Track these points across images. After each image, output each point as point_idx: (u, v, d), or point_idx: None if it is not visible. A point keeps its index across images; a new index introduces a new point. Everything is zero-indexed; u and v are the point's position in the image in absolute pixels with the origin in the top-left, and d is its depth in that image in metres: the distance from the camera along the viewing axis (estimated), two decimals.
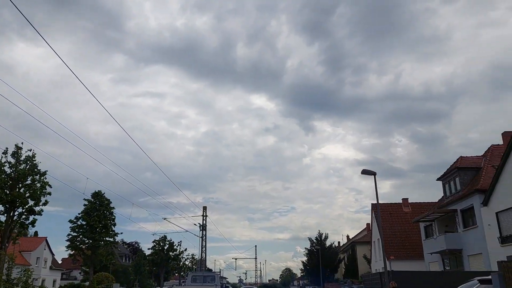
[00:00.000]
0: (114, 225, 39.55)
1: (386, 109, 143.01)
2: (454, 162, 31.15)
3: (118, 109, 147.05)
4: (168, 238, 64.22)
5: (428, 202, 43.16)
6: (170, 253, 63.09)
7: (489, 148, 30.58)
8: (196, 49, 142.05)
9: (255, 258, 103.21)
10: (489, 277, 12.07)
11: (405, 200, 44.19)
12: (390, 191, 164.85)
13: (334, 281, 60.66)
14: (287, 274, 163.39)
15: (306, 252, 65.67)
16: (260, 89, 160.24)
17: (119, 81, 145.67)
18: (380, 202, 44.72)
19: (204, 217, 40.62)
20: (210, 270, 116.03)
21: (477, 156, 31.07)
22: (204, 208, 41.21)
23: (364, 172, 20.70)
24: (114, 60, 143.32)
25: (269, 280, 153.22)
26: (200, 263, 40.80)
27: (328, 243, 63.50)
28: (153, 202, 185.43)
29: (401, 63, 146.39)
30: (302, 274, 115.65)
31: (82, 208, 38.42)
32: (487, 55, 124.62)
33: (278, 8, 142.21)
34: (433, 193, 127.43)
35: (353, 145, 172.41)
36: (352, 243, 57.91)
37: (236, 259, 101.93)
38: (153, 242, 64.59)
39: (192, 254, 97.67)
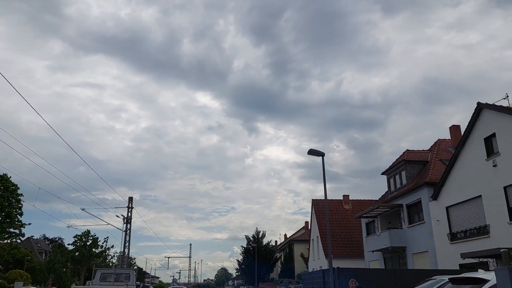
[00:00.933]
0: (21, 214, 33.96)
1: (327, 115, 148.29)
2: (401, 156, 29.57)
3: (54, 98, 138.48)
4: (93, 234, 58.33)
5: (369, 200, 41.84)
6: (94, 249, 57.21)
7: (435, 142, 29.27)
8: (140, 42, 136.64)
9: (189, 257, 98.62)
10: (466, 275, 9.52)
11: (345, 196, 42.57)
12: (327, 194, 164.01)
13: (269, 281, 58.29)
14: (222, 273, 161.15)
15: (242, 250, 62.77)
16: (205, 87, 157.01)
17: (56, 69, 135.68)
18: (319, 201, 42.79)
19: (130, 209, 36.17)
20: (140, 269, 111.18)
21: (423, 150, 29.67)
22: (130, 199, 36.68)
23: (311, 152, 17.95)
24: (51, 47, 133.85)
25: (204, 280, 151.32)
26: (122, 259, 36.22)
27: (265, 241, 61.07)
28: (85, 198, 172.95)
29: (343, 72, 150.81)
30: (237, 273, 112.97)
31: None
32: (420, 70, 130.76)
33: (226, 8, 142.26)
34: (370, 196, 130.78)
35: (293, 148, 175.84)
36: (290, 241, 55.85)
37: (169, 257, 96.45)
38: (74, 237, 58.50)
39: (121, 252, 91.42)
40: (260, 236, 60.80)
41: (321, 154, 17.95)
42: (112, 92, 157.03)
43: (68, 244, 60.73)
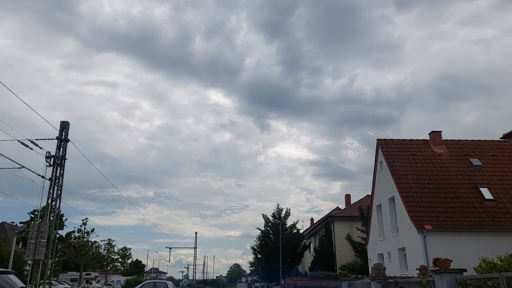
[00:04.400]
0: None
1: (339, 112, 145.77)
2: None
3: (68, 96, 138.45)
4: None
5: (474, 140, 25.22)
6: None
7: None
8: (152, 39, 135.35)
9: (195, 248, 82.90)
10: None
11: (435, 134, 25.65)
12: (340, 192, 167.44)
13: (297, 275, 41.99)
14: (235, 269, 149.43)
15: (259, 236, 46.44)
16: (217, 84, 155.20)
17: (69, 67, 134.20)
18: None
19: (61, 143, 20.25)
20: (139, 261, 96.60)
21: None
22: (64, 127, 20.68)
23: None
24: (63, 45, 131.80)
25: (216, 277, 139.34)
26: (43, 215, 20.39)
27: (289, 223, 44.62)
28: (100, 195, 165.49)
29: (356, 68, 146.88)
30: (251, 268, 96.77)
31: None
32: (435, 66, 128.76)
33: (238, 5, 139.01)
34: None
35: (306, 146, 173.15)
36: (327, 219, 39.25)
37: (170, 248, 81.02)
38: (32, 212, 43.47)
39: (41, 210, 76.03)
40: (282, 215, 44.42)
41: None
42: (125, 90, 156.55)
43: (21, 223, 45.51)
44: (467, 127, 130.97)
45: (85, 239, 55.63)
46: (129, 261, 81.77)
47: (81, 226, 55.26)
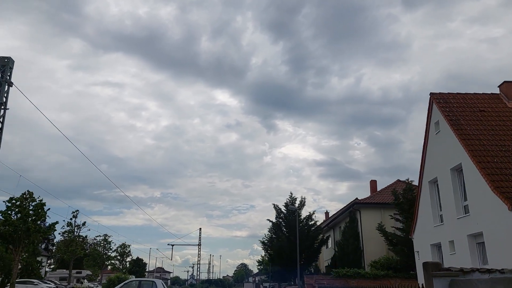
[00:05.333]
0: None
1: (346, 112, 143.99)
2: None
3: (75, 97, 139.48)
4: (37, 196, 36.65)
5: None
6: (30, 222, 35.69)
7: None
8: (158, 39, 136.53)
9: (199, 245, 76.97)
10: None
11: (509, 86, 19.44)
12: (347, 193, 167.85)
13: (315, 273, 35.93)
14: (242, 269, 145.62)
15: (270, 228, 40.45)
16: (223, 84, 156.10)
17: (76, 68, 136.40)
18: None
19: (3, 84, 14.57)
20: (141, 260, 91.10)
21: None
22: (4, 62, 14.97)
23: None
24: (70, 45, 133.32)
25: (223, 277, 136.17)
26: None
27: (304, 214, 38.55)
28: (107, 195, 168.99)
29: (362, 67, 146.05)
30: (259, 267, 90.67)
31: None
32: (442, 65, 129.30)
33: (244, 4, 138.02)
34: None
35: (312, 146, 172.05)
36: (353, 206, 32.94)
37: (173, 245, 74.96)
38: (8, 201, 37.55)
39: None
40: (297, 205, 38.41)
41: None
42: (131, 90, 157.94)
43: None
44: None
45: (75, 233, 49.99)
46: (128, 259, 76.00)
47: (71, 219, 49.64)
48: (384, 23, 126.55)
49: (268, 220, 40.06)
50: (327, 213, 57.81)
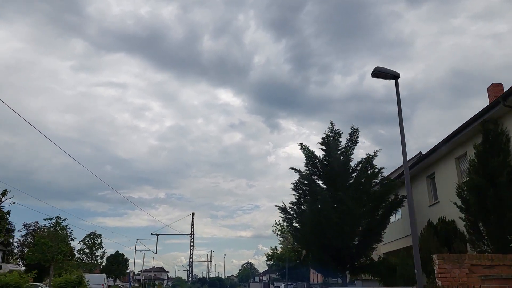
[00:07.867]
0: None
1: (350, 110, 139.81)
2: None
3: (79, 98, 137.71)
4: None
5: None
6: None
7: None
8: (160, 39, 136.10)
9: (191, 234, 60.01)
10: None
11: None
12: None
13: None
14: (247, 268, 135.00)
15: (296, 181, 22.97)
16: (226, 83, 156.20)
17: (79, 69, 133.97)
18: None
19: None
20: (121, 255, 74.80)
21: None
22: None
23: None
24: (72, 46, 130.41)
25: (227, 277, 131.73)
26: None
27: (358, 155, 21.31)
28: (113, 196, 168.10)
29: (365, 65, 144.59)
30: (268, 263, 72.68)
31: None
32: (447, 62, 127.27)
33: (246, 3, 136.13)
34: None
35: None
36: (496, 106, 14.66)
37: (158, 234, 58.45)
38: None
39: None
40: (342, 146, 21.08)
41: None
42: (134, 91, 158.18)
43: None
44: None
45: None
46: (98, 253, 58.92)
47: None
48: (388, 20, 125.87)
49: (292, 168, 22.55)
50: None
